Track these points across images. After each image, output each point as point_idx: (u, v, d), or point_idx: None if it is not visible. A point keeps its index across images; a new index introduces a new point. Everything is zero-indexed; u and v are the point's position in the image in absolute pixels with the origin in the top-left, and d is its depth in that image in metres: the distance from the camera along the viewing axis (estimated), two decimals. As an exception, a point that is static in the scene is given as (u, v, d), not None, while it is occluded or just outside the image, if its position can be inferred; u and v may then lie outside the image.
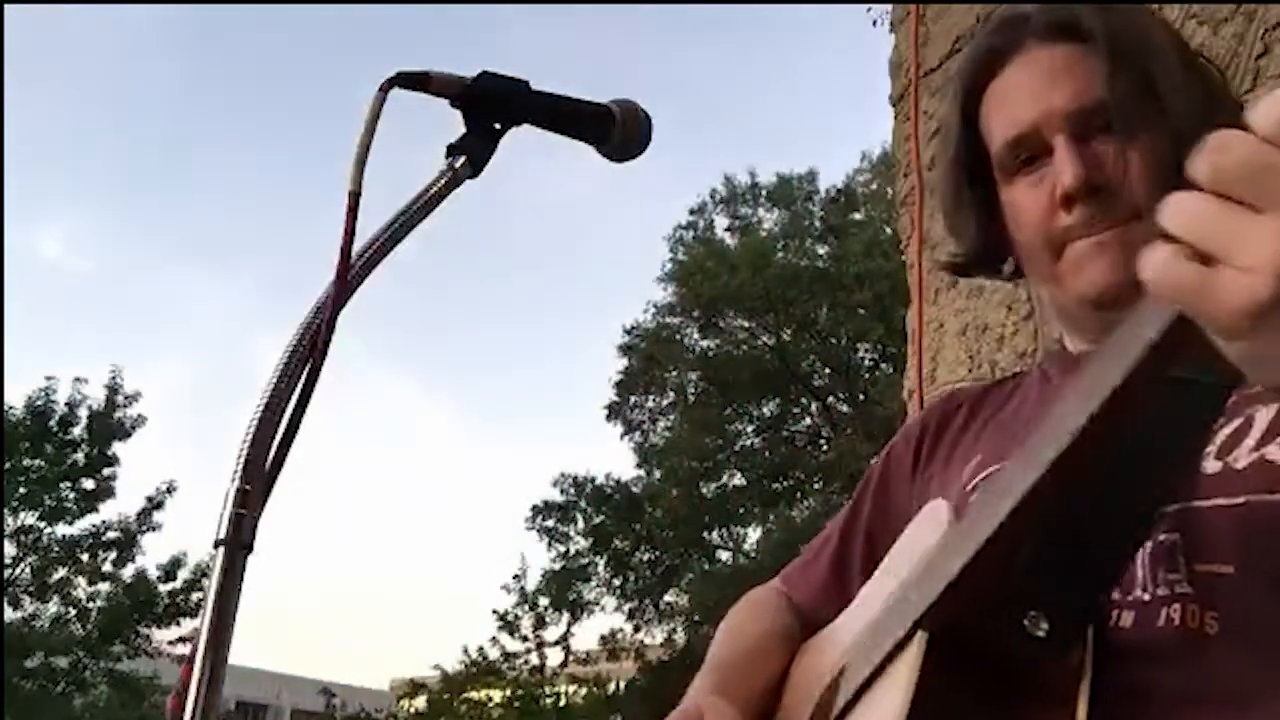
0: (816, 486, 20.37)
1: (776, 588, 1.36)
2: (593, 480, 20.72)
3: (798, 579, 1.34)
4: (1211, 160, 0.57)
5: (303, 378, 0.84)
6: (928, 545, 0.98)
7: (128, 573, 16.60)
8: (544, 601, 20.18)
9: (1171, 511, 0.93)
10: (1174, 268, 0.58)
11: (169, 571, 16.50)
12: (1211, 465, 0.94)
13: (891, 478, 1.31)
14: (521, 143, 1.02)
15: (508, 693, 19.46)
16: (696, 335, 21.13)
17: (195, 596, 16.13)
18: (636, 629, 20.46)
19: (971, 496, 1.09)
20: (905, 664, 0.87)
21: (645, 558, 20.74)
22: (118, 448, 16.94)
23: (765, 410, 21.22)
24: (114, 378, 17.06)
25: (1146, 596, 0.92)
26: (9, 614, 15.44)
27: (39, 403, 16.55)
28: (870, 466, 1.37)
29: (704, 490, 20.63)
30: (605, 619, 29.23)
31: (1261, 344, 0.58)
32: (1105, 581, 0.89)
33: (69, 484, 16.59)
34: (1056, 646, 0.82)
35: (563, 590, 20.10)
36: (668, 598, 20.76)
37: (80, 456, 16.72)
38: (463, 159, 0.97)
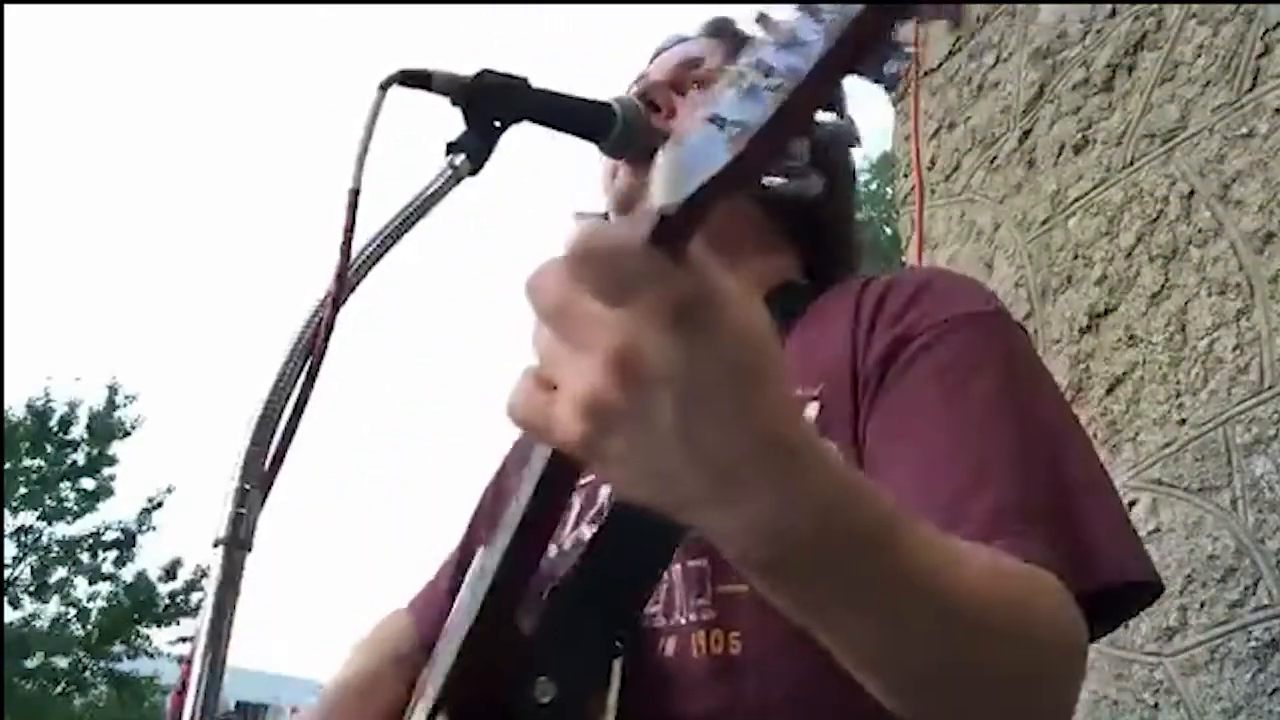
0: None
1: (404, 614, 1.29)
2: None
3: (421, 606, 1.28)
4: (529, 294, 0.50)
5: (302, 377, 0.84)
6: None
7: (128, 573, 16.58)
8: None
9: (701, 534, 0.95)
10: (520, 392, 0.51)
11: (169, 572, 16.47)
12: None
13: (503, 495, 1.24)
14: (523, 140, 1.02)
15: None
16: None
17: (195, 597, 16.09)
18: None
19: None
20: None
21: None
22: (117, 448, 16.95)
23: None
24: (114, 377, 17.07)
25: (683, 621, 0.93)
26: (9, 614, 15.42)
27: (39, 403, 16.54)
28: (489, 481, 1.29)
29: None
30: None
31: (624, 485, 0.52)
32: (622, 620, 0.89)
33: (69, 484, 16.57)
34: (567, 706, 0.83)
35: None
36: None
37: (80, 456, 16.70)
38: (462, 157, 0.96)
